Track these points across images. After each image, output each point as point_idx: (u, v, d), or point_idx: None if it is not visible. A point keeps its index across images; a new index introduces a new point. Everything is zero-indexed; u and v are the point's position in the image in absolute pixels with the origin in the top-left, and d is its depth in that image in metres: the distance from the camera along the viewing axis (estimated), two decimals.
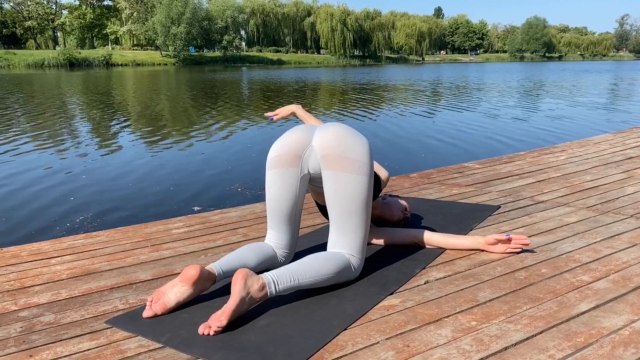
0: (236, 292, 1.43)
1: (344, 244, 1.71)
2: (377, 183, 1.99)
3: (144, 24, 66.09)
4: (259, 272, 1.67)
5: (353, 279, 1.74)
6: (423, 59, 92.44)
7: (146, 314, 1.53)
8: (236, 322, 1.47)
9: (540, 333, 1.40)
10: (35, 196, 4.65)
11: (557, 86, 20.36)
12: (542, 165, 3.73)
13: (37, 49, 67.08)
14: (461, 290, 1.68)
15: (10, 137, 8.11)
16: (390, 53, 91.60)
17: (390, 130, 8.57)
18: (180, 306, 1.58)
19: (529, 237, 2.18)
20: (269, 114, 2.28)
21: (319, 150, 1.71)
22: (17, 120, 10.29)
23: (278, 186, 1.76)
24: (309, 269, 1.58)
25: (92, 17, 70.74)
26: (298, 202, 1.80)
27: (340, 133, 1.71)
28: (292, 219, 1.82)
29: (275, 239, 1.83)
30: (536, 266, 1.87)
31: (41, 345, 1.39)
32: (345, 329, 1.44)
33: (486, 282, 1.74)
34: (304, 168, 1.76)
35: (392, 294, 1.67)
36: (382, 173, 2.09)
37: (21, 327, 1.50)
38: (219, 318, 1.41)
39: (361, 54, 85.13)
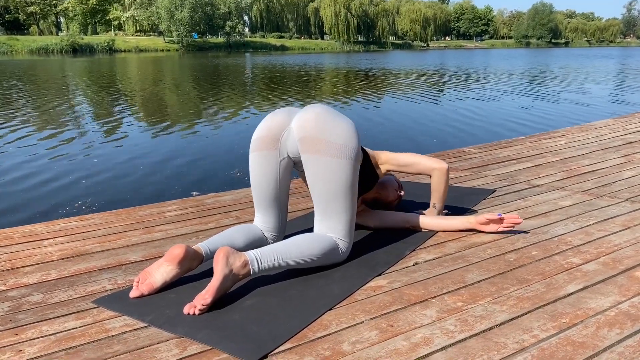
0: (219, 270, 1.43)
1: (330, 228, 1.69)
2: (372, 169, 1.97)
3: (147, 9, 65.73)
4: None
5: (340, 261, 1.73)
6: (428, 45, 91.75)
7: (133, 294, 1.53)
8: (222, 302, 1.47)
9: (526, 314, 1.39)
10: (33, 180, 4.66)
11: (563, 72, 20.18)
12: (540, 149, 3.70)
13: (40, 34, 66.91)
14: (449, 271, 1.68)
15: (11, 121, 8.12)
16: (395, 39, 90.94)
17: (390, 114, 8.53)
18: (167, 286, 1.58)
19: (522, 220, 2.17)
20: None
21: (296, 133, 1.68)
22: (19, 104, 10.29)
23: (259, 169, 1.75)
24: (294, 249, 1.58)
25: (94, 2, 70.29)
26: (281, 186, 1.78)
27: (319, 114, 1.67)
28: (276, 203, 1.80)
29: (262, 222, 1.83)
30: (527, 248, 1.86)
31: (27, 324, 1.40)
32: (331, 309, 1.44)
33: (475, 264, 1.73)
34: (282, 151, 1.72)
35: (380, 275, 1.66)
36: (428, 164, 2.00)
37: (8, 307, 1.50)
38: (204, 297, 1.41)
39: (365, 39, 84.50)
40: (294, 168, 1.84)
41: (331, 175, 1.64)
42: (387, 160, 2.01)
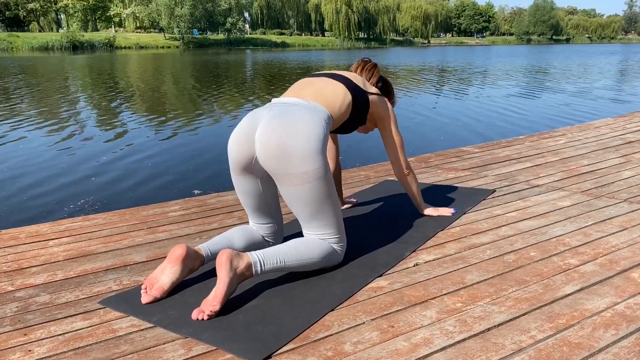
0: (224, 275, 1.45)
1: (320, 236, 1.71)
2: (364, 118, 1.98)
3: (147, 6, 65.62)
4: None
5: (338, 262, 1.76)
6: (428, 42, 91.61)
7: (145, 300, 1.53)
8: (227, 302, 1.50)
9: (524, 315, 1.42)
10: (36, 179, 4.69)
11: (565, 70, 20.18)
12: (540, 149, 3.73)
13: (40, 31, 66.79)
14: (449, 272, 1.71)
15: (13, 120, 8.14)
16: (396, 35, 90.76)
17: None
18: (175, 287, 1.61)
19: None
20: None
21: (263, 166, 1.67)
22: (21, 102, 10.32)
23: (240, 188, 1.76)
24: (295, 252, 1.61)
25: None
26: (269, 199, 1.79)
27: (277, 144, 1.59)
28: (266, 211, 1.82)
29: (256, 228, 1.86)
30: (525, 249, 1.89)
31: (35, 325, 1.43)
32: (333, 310, 1.47)
33: (474, 265, 1.76)
34: (257, 173, 1.72)
35: (381, 275, 1.69)
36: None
37: (17, 307, 1.54)
38: (212, 303, 1.43)
39: (366, 36, 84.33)
40: None
41: (303, 201, 1.64)
42: (380, 127, 2.11)
